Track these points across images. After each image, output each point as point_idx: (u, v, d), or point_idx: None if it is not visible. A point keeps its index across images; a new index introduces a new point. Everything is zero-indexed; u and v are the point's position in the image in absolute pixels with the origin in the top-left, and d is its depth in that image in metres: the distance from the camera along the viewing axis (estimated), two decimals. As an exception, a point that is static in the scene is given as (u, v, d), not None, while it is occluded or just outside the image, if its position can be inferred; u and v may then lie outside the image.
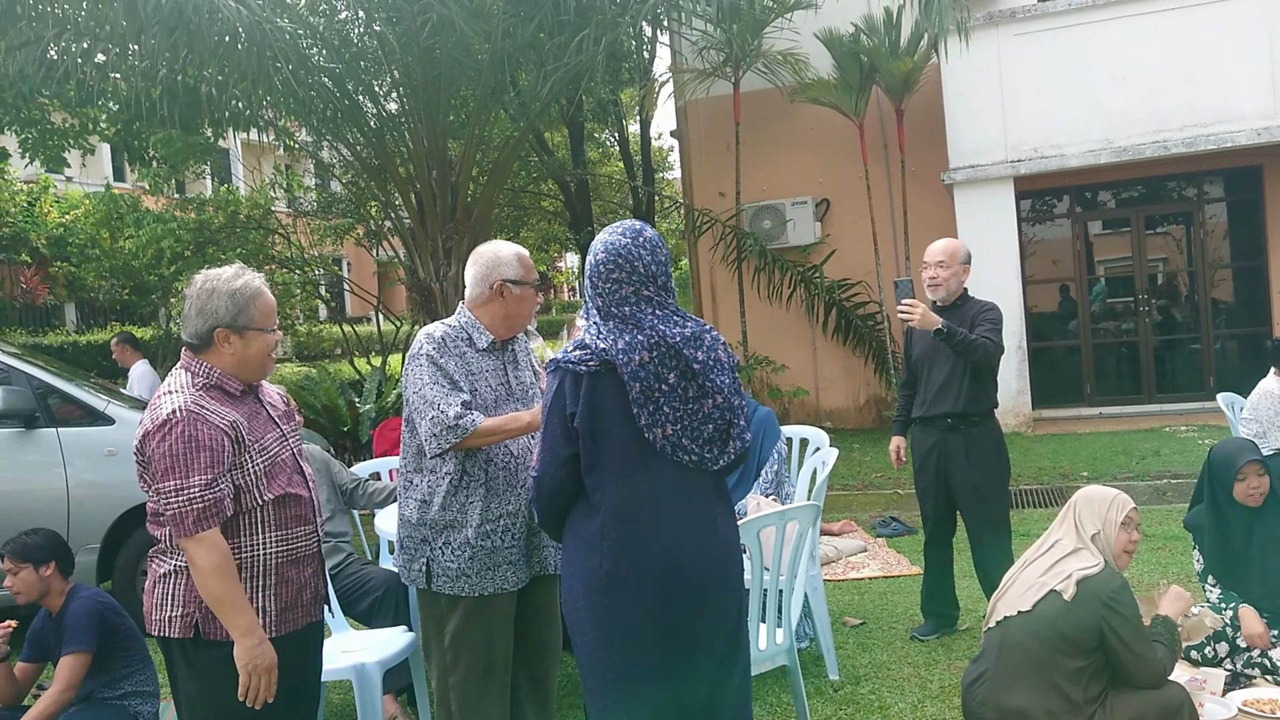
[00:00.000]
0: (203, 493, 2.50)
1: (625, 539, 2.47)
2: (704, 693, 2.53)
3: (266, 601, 2.64)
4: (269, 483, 2.64)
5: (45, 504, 5.26)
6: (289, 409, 2.92)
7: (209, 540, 2.50)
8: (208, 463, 2.51)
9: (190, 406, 2.56)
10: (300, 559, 2.72)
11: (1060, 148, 10.07)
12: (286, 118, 10.75)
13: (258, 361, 2.72)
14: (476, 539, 3.02)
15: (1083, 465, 8.33)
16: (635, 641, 2.48)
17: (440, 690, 3.13)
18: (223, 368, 2.68)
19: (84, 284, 16.98)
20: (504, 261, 3.17)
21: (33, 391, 5.37)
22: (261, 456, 2.64)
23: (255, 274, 2.78)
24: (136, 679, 4.02)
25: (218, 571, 2.50)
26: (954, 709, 3.78)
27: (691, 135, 12.23)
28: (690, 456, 2.50)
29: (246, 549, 2.62)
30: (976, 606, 4.88)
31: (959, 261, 4.48)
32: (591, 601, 2.50)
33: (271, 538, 2.65)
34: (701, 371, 2.50)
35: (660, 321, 2.52)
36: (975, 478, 4.45)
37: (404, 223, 10.22)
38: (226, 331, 2.65)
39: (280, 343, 2.83)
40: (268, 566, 2.64)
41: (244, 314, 2.66)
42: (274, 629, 2.65)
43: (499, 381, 3.16)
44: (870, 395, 11.61)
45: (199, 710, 2.68)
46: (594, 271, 2.56)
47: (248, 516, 2.63)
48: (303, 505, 2.72)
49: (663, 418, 2.47)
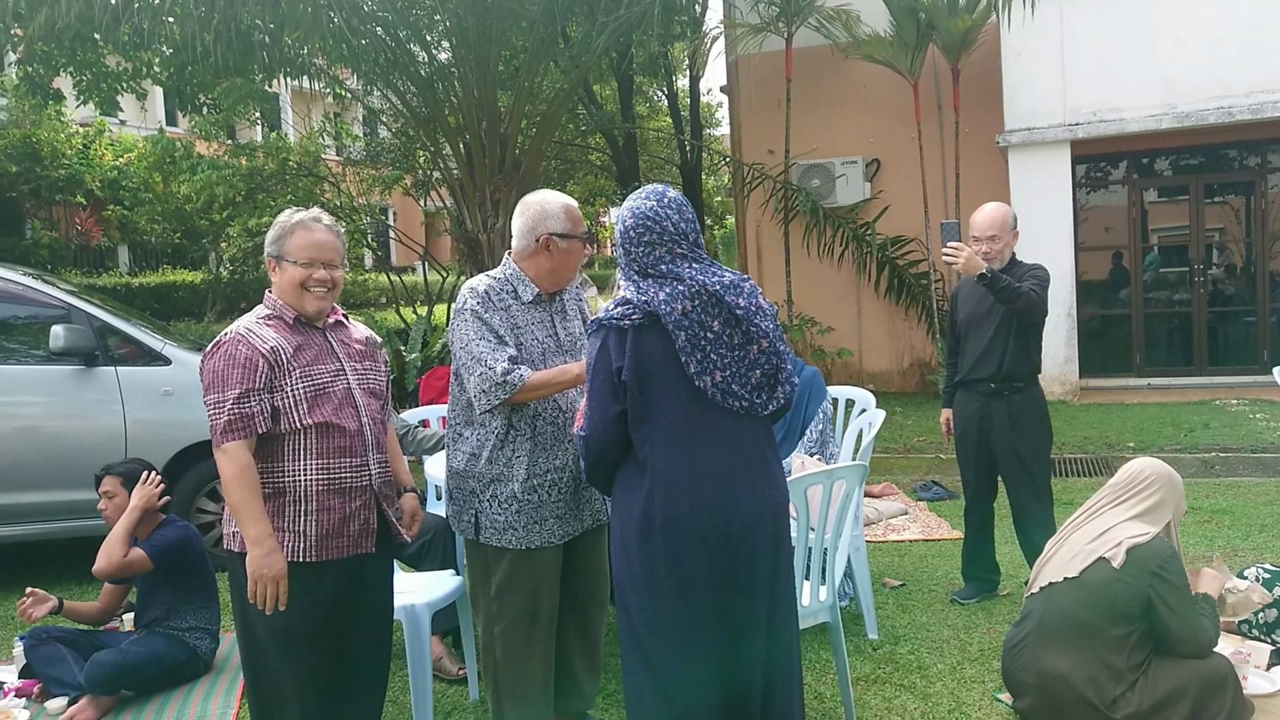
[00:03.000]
0: (231, 406, 2.64)
1: (676, 490, 2.49)
2: (752, 644, 2.55)
3: (307, 526, 2.73)
4: (310, 408, 2.72)
5: (103, 441, 5.38)
6: (367, 350, 2.97)
7: (231, 451, 2.64)
8: (239, 379, 2.66)
9: (240, 330, 2.75)
10: (345, 490, 2.78)
11: (1120, 111, 9.84)
12: (337, 66, 10.77)
13: (291, 293, 2.80)
14: (523, 493, 3.05)
15: (1129, 436, 8.24)
16: (686, 592, 2.50)
17: (486, 638, 3.19)
18: (280, 298, 2.83)
19: (136, 227, 17.28)
20: (550, 214, 3.13)
21: (92, 330, 5.48)
22: (304, 382, 2.73)
23: (319, 213, 2.84)
24: (202, 615, 4.17)
25: (236, 481, 2.64)
26: (993, 671, 3.80)
27: (742, 91, 12.09)
28: (740, 402, 2.52)
29: (289, 473, 2.73)
30: (1018, 572, 4.89)
31: (1008, 231, 4.41)
32: (644, 553, 2.52)
33: (312, 465, 2.74)
34: (744, 317, 2.52)
35: (699, 272, 2.54)
36: (1018, 444, 4.41)
37: (452, 173, 10.24)
38: (272, 260, 2.84)
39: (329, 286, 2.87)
40: (309, 492, 2.73)
41: (279, 244, 2.82)
42: (313, 554, 2.74)
43: (546, 334, 3.15)
44: (914, 359, 11.53)
45: (244, 621, 2.81)
46: (625, 237, 2.59)
47: (290, 442, 2.72)
48: (348, 437, 2.78)
49: (711, 365, 2.49)
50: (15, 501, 5.36)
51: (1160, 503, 3.37)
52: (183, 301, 17.16)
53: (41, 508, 5.36)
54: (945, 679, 3.78)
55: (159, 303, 16.18)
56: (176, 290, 17.32)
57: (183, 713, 3.78)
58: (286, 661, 2.75)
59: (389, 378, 3.06)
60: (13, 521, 5.39)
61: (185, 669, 4.06)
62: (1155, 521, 3.35)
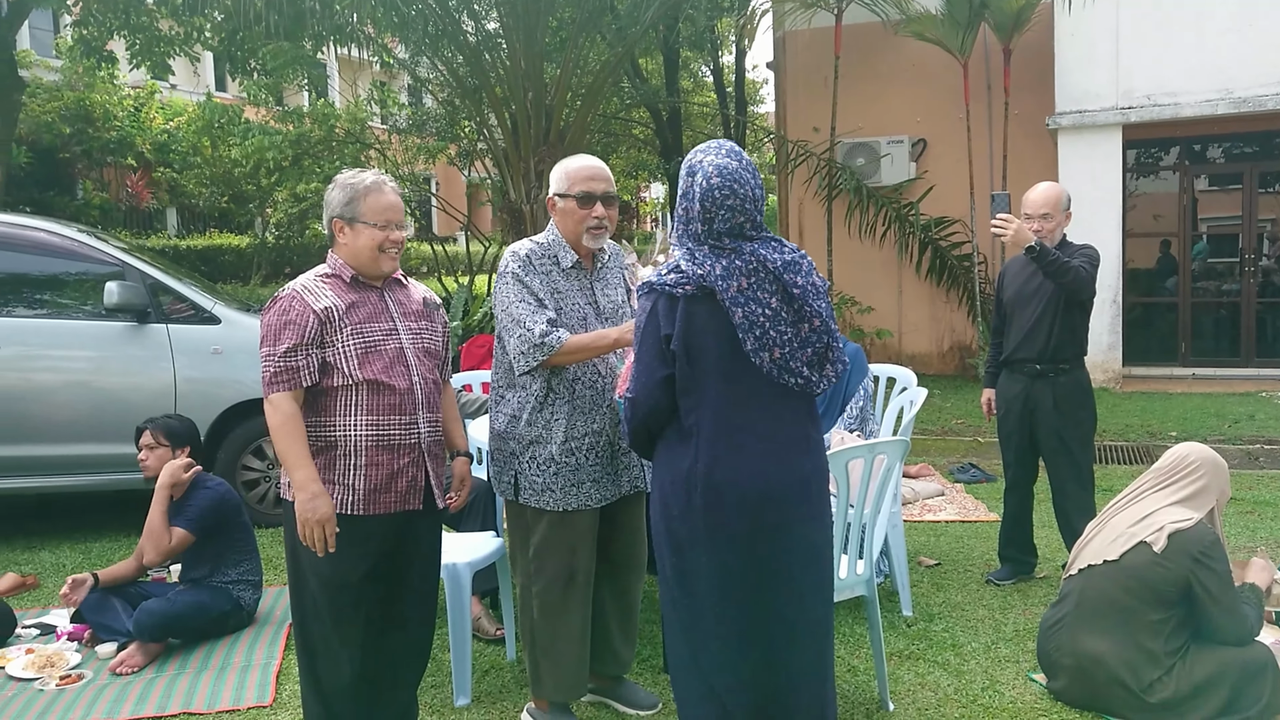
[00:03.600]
0: (279, 360, 2.72)
1: (720, 458, 2.49)
2: (789, 614, 2.57)
3: (355, 479, 2.79)
4: (361, 364, 2.78)
5: (153, 397, 5.49)
6: (426, 310, 3.01)
7: (277, 401, 2.73)
8: (290, 335, 2.73)
9: (297, 288, 2.82)
10: (394, 446, 2.83)
11: (1174, 96, 9.67)
12: (386, 34, 10.82)
13: (367, 255, 2.85)
14: (560, 455, 3.09)
15: (1172, 425, 8.15)
16: (722, 555, 2.52)
17: (524, 597, 3.24)
18: (342, 258, 2.89)
19: (185, 190, 17.49)
20: (557, 175, 3.20)
21: (145, 288, 5.57)
22: (355, 339, 2.79)
23: (384, 175, 2.89)
24: (245, 568, 4.25)
25: (280, 429, 2.73)
26: (1028, 652, 3.80)
27: (789, 67, 12.00)
28: (797, 379, 2.52)
29: (339, 428, 2.79)
30: (1054, 555, 4.87)
31: (1061, 210, 4.36)
32: (684, 515, 2.53)
33: (362, 420, 2.79)
34: (800, 296, 2.51)
35: (760, 246, 2.52)
36: (1061, 426, 4.38)
37: (497, 144, 10.27)
38: (340, 222, 2.88)
39: (400, 247, 2.92)
40: (358, 447, 2.79)
41: (351, 206, 2.86)
42: (361, 507, 2.80)
43: (586, 300, 3.17)
44: (955, 341, 11.45)
45: (294, 570, 2.88)
46: (707, 197, 2.49)
47: (341, 397, 2.78)
48: (398, 395, 2.83)
49: (770, 341, 2.48)
50: (67, 453, 5.49)
51: (1204, 489, 3.35)
52: (229, 265, 17.38)
53: (92, 460, 5.47)
54: (979, 657, 3.79)
55: (205, 265, 16.40)
56: (223, 254, 17.55)
57: (228, 661, 3.88)
58: (333, 611, 2.81)
59: (447, 339, 3.09)
60: (65, 472, 5.53)
61: (230, 619, 4.15)
62: (1199, 508, 3.33)
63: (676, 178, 6.00)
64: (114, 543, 5.58)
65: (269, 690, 3.59)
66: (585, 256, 3.22)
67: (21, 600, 4.68)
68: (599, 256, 3.26)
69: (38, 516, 6.15)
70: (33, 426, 5.44)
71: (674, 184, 15.84)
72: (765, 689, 2.57)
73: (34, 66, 15.83)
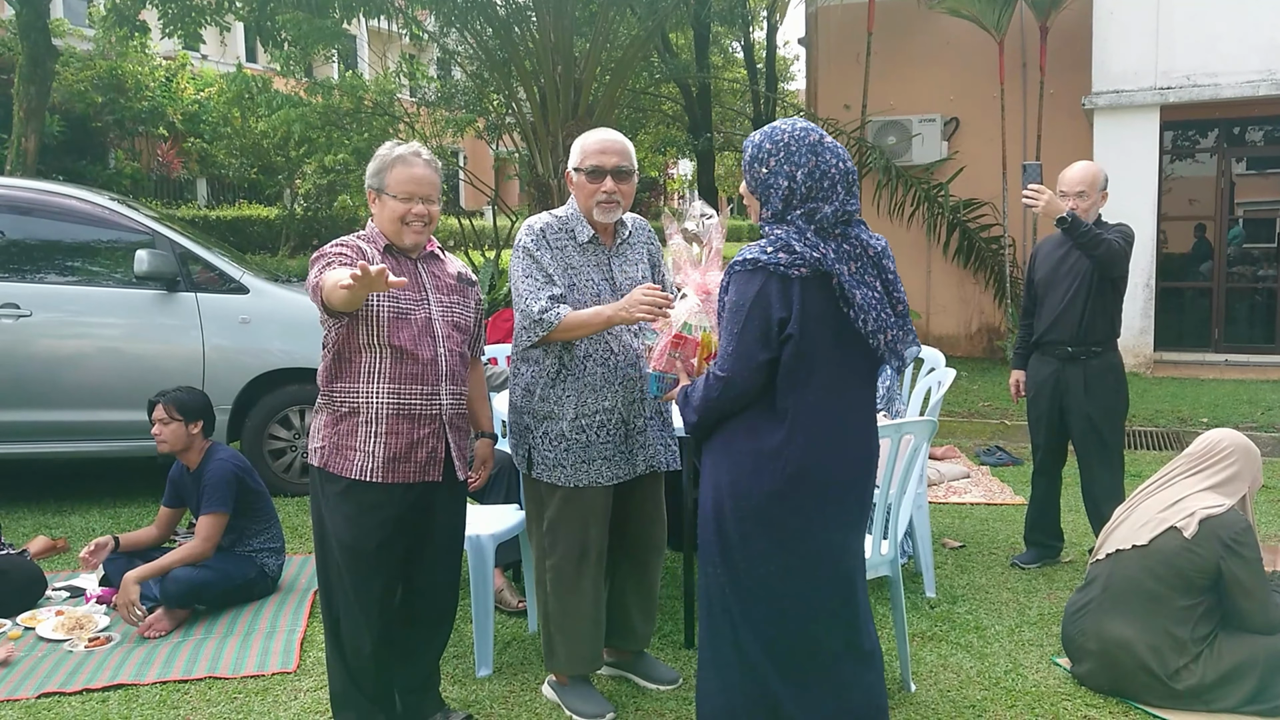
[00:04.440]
0: (328, 262, 2.75)
1: (817, 442, 2.44)
2: (860, 596, 2.61)
3: (375, 446, 2.80)
4: (390, 330, 2.78)
5: (182, 365, 5.54)
6: (459, 285, 3.01)
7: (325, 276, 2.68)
8: (337, 256, 2.76)
9: (338, 242, 2.85)
10: (414, 416, 2.83)
11: (1215, 76, 9.48)
12: (416, 6, 10.77)
13: (392, 227, 2.86)
14: (571, 432, 3.09)
15: (1203, 411, 8.04)
16: (806, 548, 2.48)
17: (539, 571, 3.25)
18: (380, 229, 2.90)
19: (215, 160, 17.57)
20: (574, 149, 3.19)
21: (175, 256, 5.61)
22: (388, 303, 2.78)
23: (419, 147, 2.88)
24: (265, 536, 4.29)
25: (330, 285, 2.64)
26: (1052, 636, 3.77)
27: (820, 43, 11.87)
28: (900, 361, 2.54)
29: (363, 394, 2.80)
30: (1080, 540, 4.83)
31: (1098, 190, 4.29)
32: (767, 495, 2.45)
33: (384, 388, 2.80)
34: (893, 281, 2.52)
35: (860, 230, 2.50)
36: (1092, 410, 4.33)
37: (525, 118, 10.23)
38: (372, 191, 2.90)
39: (426, 221, 2.90)
40: (379, 414, 2.80)
41: (379, 177, 2.87)
42: (380, 474, 2.81)
43: (602, 276, 3.14)
44: (982, 324, 11.36)
45: (319, 536, 2.91)
46: (826, 177, 2.42)
47: (366, 363, 2.79)
48: (421, 365, 2.83)
49: (882, 324, 2.46)
50: (97, 419, 5.55)
51: (1237, 475, 3.30)
52: (257, 236, 17.47)
53: (121, 426, 5.52)
54: (1003, 640, 3.77)
55: (234, 236, 16.49)
56: (252, 224, 17.64)
57: (253, 627, 3.92)
58: (353, 578, 2.83)
59: (479, 315, 3.08)
60: (94, 438, 5.59)
61: (255, 586, 4.19)
62: (1230, 494, 3.28)
63: (706, 154, 5.82)
64: (142, 508, 5.64)
65: (293, 657, 3.63)
66: (603, 231, 3.19)
67: (52, 563, 4.75)
68: (619, 232, 3.24)
69: (67, 481, 6.23)
70: (63, 392, 5.51)
71: (702, 161, 15.80)
72: (835, 680, 2.54)
73: (68, 35, 15.91)
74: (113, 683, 3.43)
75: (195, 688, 3.42)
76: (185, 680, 3.46)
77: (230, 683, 3.45)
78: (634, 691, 3.39)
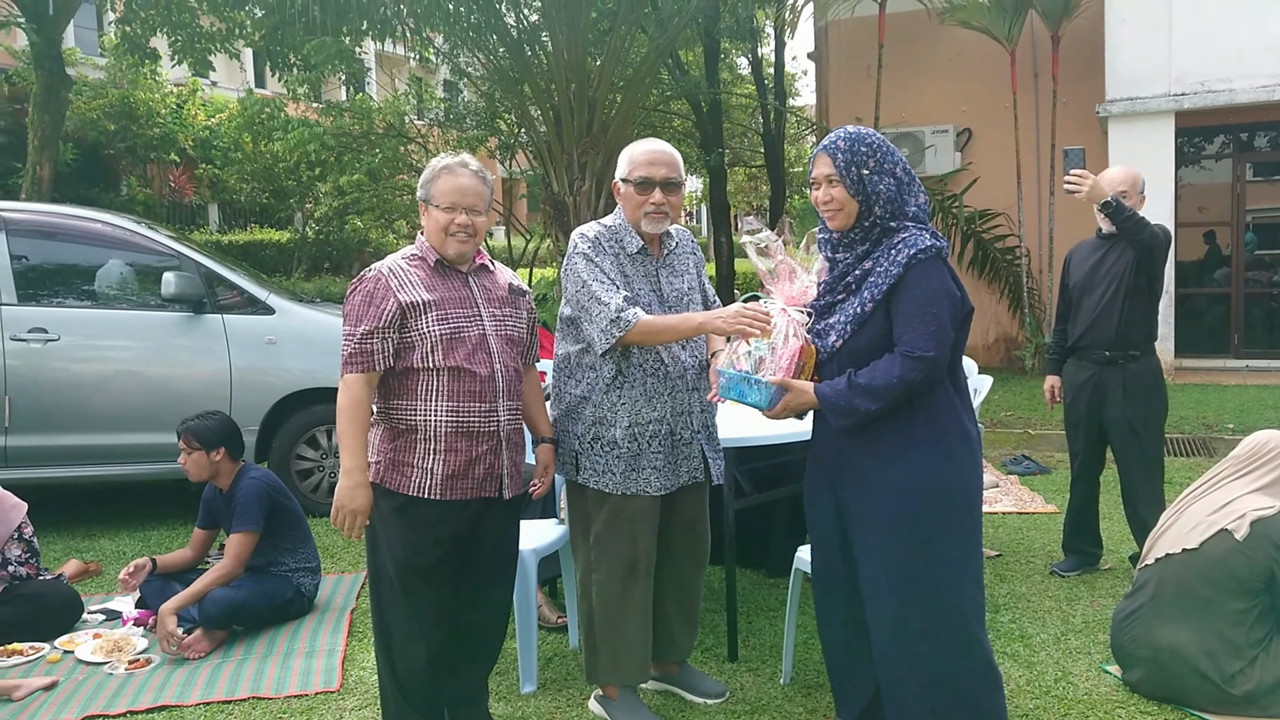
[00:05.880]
0: (357, 342, 2.73)
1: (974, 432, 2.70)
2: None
3: (434, 464, 2.78)
4: (445, 353, 2.76)
5: (209, 387, 5.54)
6: (511, 297, 2.99)
7: (349, 382, 2.75)
8: (371, 317, 2.74)
9: (383, 269, 2.82)
10: (473, 433, 2.81)
11: (1229, 81, 9.48)
12: (426, 28, 10.83)
13: (437, 237, 2.86)
14: (624, 440, 3.07)
15: (1228, 417, 8.00)
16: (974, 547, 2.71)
17: (584, 584, 3.22)
18: (426, 240, 2.90)
19: (226, 185, 17.64)
20: (621, 159, 3.20)
21: (201, 278, 5.62)
22: (441, 325, 2.77)
23: (466, 158, 2.88)
24: (300, 555, 4.27)
25: (345, 411, 2.74)
26: (1099, 644, 3.73)
27: (831, 57, 11.92)
28: None
29: (421, 412, 2.78)
30: (1118, 547, 4.79)
31: (1138, 191, 4.27)
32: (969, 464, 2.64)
33: (442, 406, 2.78)
34: None
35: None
36: (1132, 415, 4.29)
37: (540, 136, 10.25)
38: (422, 204, 2.91)
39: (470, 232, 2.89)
40: (437, 433, 2.78)
41: (426, 188, 2.89)
42: (438, 492, 2.79)
43: (650, 287, 3.13)
44: (1000, 334, 11.32)
45: (372, 555, 2.90)
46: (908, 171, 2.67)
47: (423, 382, 2.77)
48: (479, 383, 2.81)
49: None
50: (124, 442, 5.54)
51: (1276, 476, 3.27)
52: (269, 260, 17.51)
53: (149, 449, 5.52)
54: (1049, 649, 3.73)
55: (246, 260, 16.46)
56: (264, 248, 17.69)
57: (292, 647, 3.89)
58: (408, 595, 2.81)
59: (533, 325, 3.07)
60: (122, 461, 5.58)
61: (292, 606, 4.17)
62: (1279, 495, 3.25)
63: (718, 170, 5.66)
64: (171, 530, 5.63)
65: (335, 676, 3.60)
66: (651, 242, 3.19)
67: (85, 586, 4.73)
68: (665, 243, 3.23)
69: (95, 505, 6.22)
70: (91, 415, 5.51)
71: (714, 176, 15.81)
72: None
73: (79, 64, 16.03)
74: (156, 704, 3.41)
75: (239, 708, 3.40)
76: (229, 701, 3.44)
77: (274, 703, 3.43)
78: (681, 705, 3.35)
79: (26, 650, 3.91)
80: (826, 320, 2.72)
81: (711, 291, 3.37)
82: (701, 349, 3.23)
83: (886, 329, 2.62)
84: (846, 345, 2.66)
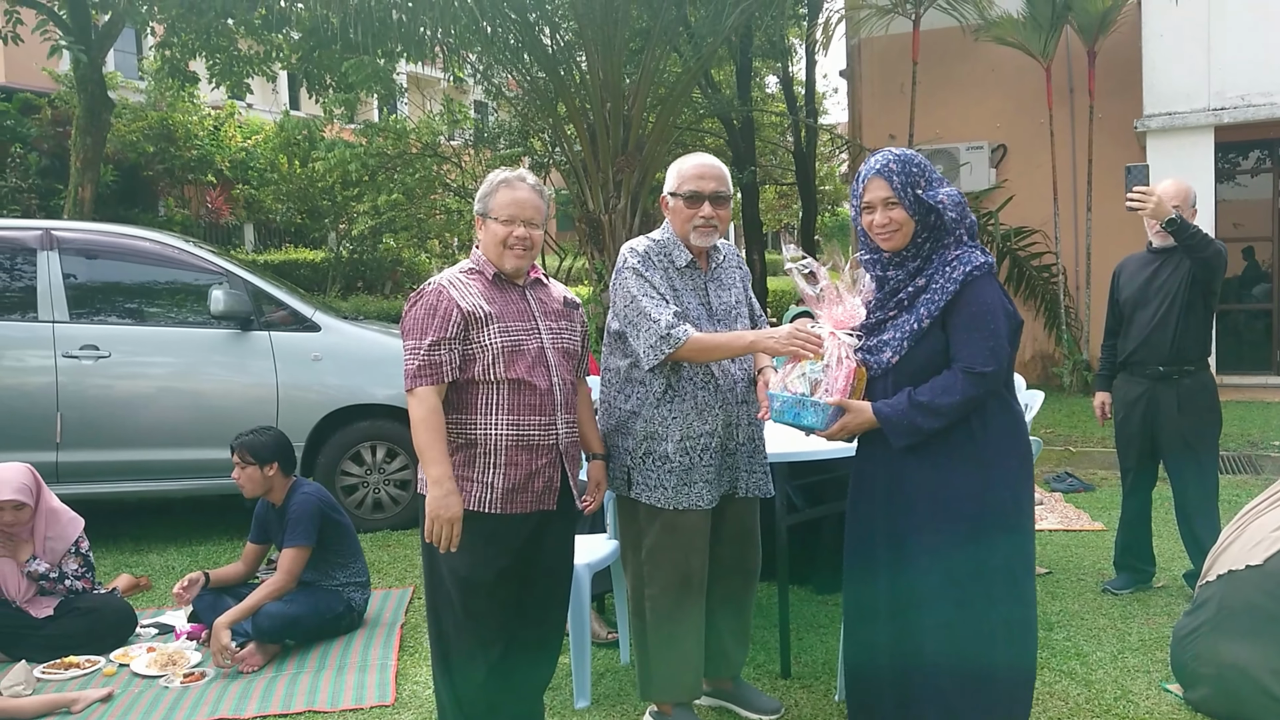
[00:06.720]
0: (424, 354, 2.73)
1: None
2: None
3: (494, 478, 2.79)
4: (507, 365, 2.78)
5: (256, 403, 5.60)
6: (565, 310, 3.01)
7: (420, 395, 2.74)
8: (435, 328, 2.75)
9: (443, 281, 2.84)
10: (532, 446, 2.82)
11: (1270, 95, 9.40)
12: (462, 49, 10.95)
13: (495, 250, 2.87)
14: (676, 454, 3.06)
15: (1274, 434, 7.90)
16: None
17: (636, 599, 3.21)
18: (485, 254, 2.91)
19: (262, 206, 17.85)
20: (670, 174, 3.22)
21: (248, 295, 5.68)
22: (502, 337, 2.79)
23: (524, 172, 2.92)
24: (351, 570, 4.29)
25: (423, 423, 2.73)
26: (1158, 662, 3.68)
27: (864, 74, 11.92)
28: None
29: (480, 426, 2.79)
30: (1170, 565, 4.73)
31: (1190, 206, 4.23)
32: (1027, 483, 2.74)
33: (503, 420, 2.79)
34: None
35: None
36: (1186, 431, 4.24)
37: (575, 154, 10.32)
38: (479, 218, 2.93)
39: (528, 245, 2.91)
40: (497, 446, 2.79)
41: (484, 201, 2.91)
42: (498, 505, 2.80)
43: (699, 301, 3.14)
44: (1036, 351, 11.23)
45: (430, 568, 2.90)
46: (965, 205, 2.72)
47: (484, 396, 2.79)
48: (539, 395, 2.82)
49: None
50: (172, 458, 5.60)
51: None
52: (304, 279, 17.65)
53: (196, 465, 5.58)
54: (1106, 667, 3.68)
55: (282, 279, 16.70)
56: (299, 268, 17.84)
57: (344, 661, 3.91)
58: (467, 609, 2.81)
59: (585, 339, 3.09)
60: (170, 477, 5.64)
61: (343, 620, 4.19)
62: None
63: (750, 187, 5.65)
64: (218, 545, 5.68)
65: (389, 690, 3.61)
66: (699, 255, 3.20)
67: (136, 600, 4.77)
68: (713, 256, 3.24)
69: (143, 520, 6.28)
70: (139, 432, 5.57)
71: (747, 194, 15.84)
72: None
73: (120, 88, 16.29)
74: (214, 717, 3.43)
75: (295, 721, 3.42)
76: (285, 714, 3.45)
77: (330, 716, 3.44)
78: (735, 721, 3.34)
79: (83, 663, 3.95)
80: (879, 337, 2.72)
81: (758, 305, 3.38)
82: (750, 362, 3.22)
83: (942, 345, 2.63)
84: (902, 361, 2.66)
